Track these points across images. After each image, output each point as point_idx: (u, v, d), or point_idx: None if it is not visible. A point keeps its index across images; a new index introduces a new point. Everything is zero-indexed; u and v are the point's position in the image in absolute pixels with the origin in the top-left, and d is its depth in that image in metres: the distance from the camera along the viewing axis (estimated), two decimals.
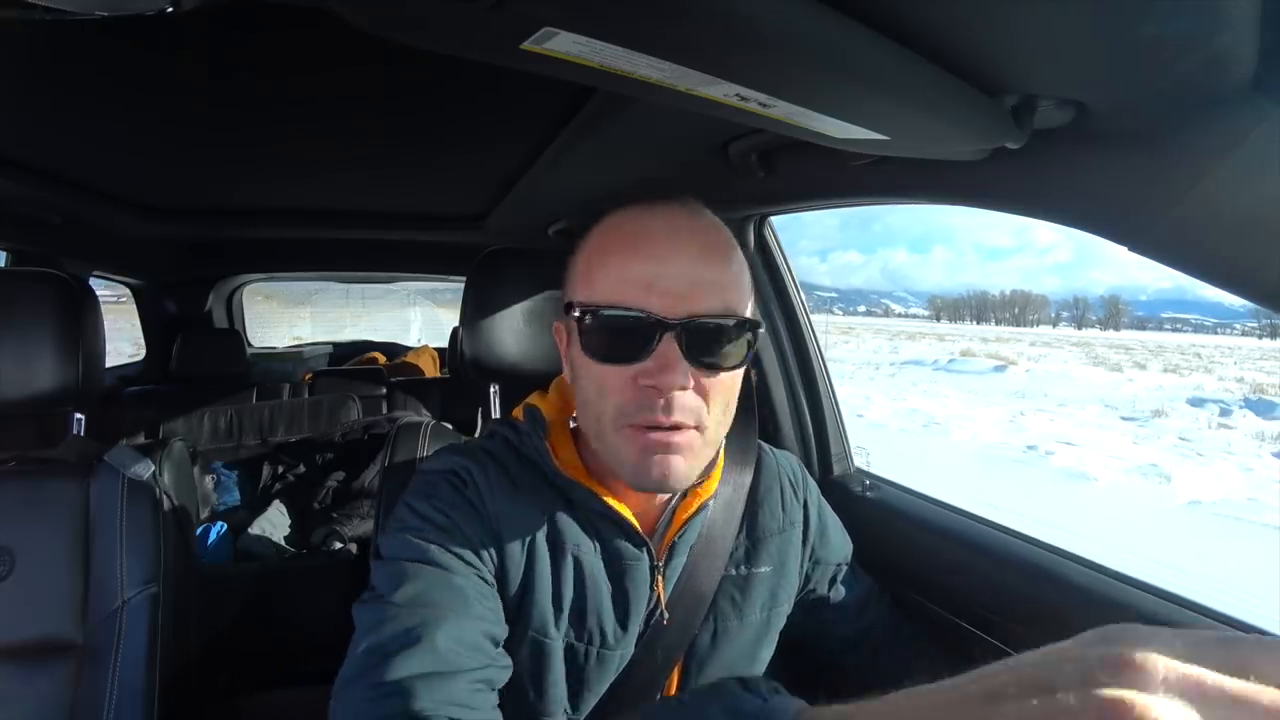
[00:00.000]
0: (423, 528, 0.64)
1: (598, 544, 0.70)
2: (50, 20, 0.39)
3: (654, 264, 0.60)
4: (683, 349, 0.59)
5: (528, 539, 0.68)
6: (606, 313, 0.60)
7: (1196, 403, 15.59)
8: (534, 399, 0.77)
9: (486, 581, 0.65)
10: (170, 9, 0.41)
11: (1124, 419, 13.30)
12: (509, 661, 0.64)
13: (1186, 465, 8.38)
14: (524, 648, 0.68)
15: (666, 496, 0.73)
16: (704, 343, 0.60)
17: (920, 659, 0.87)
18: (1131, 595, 0.76)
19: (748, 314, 0.64)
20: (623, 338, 0.60)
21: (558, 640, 0.68)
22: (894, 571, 0.99)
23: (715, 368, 0.62)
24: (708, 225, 0.65)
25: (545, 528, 0.69)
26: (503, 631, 0.65)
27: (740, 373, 0.65)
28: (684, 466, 0.62)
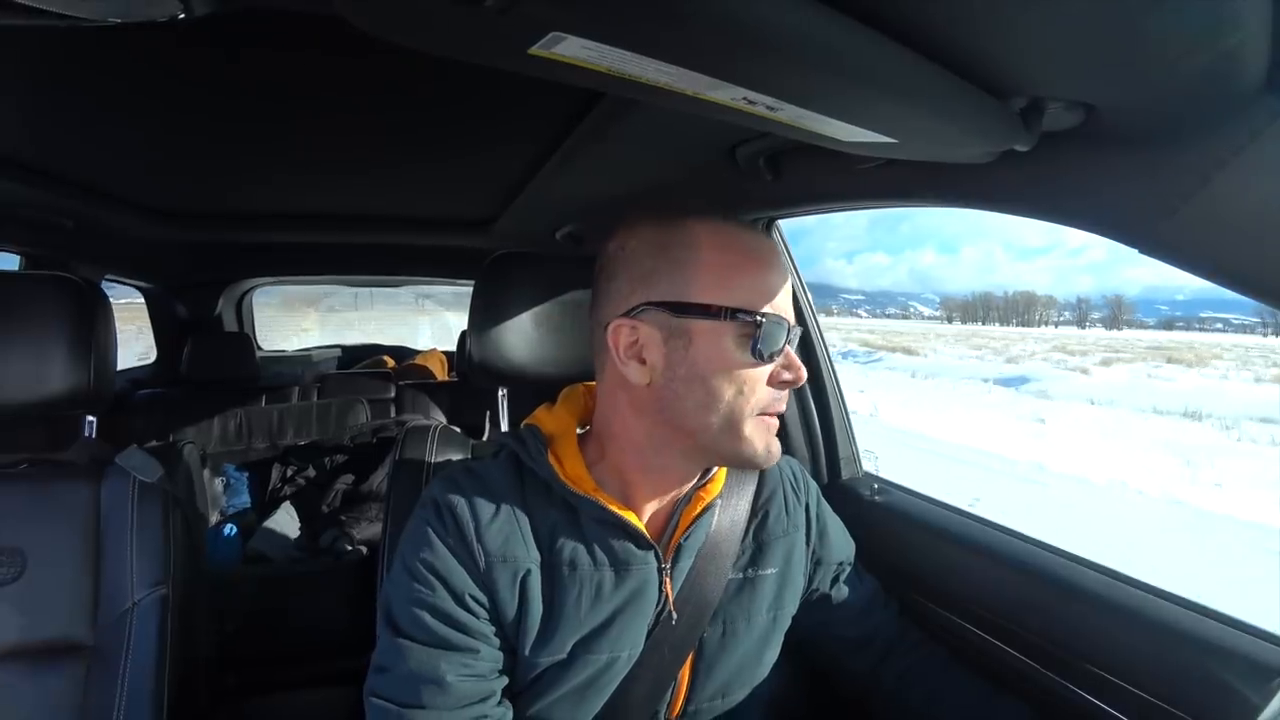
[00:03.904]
0: (414, 591, 0.68)
1: (603, 552, 0.71)
2: (64, 27, 0.40)
3: (779, 279, 0.68)
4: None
5: (522, 570, 0.69)
6: (774, 320, 0.66)
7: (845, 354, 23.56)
8: (537, 415, 0.78)
9: (477, 633, 0.68)
10: (181, 15, 0.41)
11: None
12: (506, 717, 0.69)
13: None
14: (527, 671, 0.70)
15: (674, 500, 0.76)
16: (794, 345, 0.70)
17: (927, 664, 0.87)
18: (1145, 601, 0.75)
19: None
20: (775, 341, 0.66)
21: (562, 656, 0.69)
22: (902, 576, 0.98)
23: None
24: None
25: (543, 548, 0.71)
26: (495, 684, 0.69)
27: None
28: None
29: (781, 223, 1.23)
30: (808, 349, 1.27)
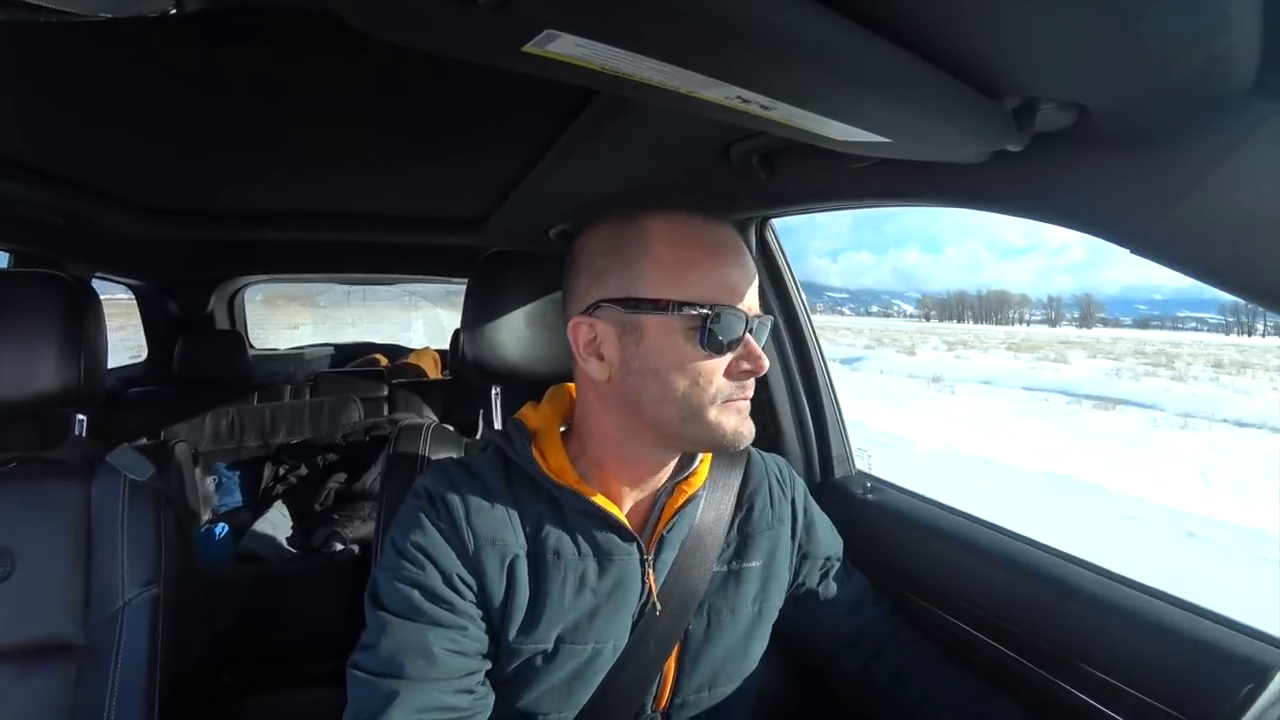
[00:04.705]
0: (403, 570, 0.69)
1: (587, 543, 0.73)
2: (55, 22, 0.39)
3: (736, 271, 0.69)
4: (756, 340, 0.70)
5: (509, 555, 0.71)
6: (729, 312, 0.66)
7: None
8: (523, 412, 0.80)
9: (464, 613, 0.69)
10: (173, 11, 0.41)
11: None
12: (488, 700, 0.70)
13: None
14: (512, 658, 0.71)
15: (654, 492, 0.78)
16: (759, 335, 0.70)
17: (920, 662, 0.87)
18: (1135, 600, 0.76)
19: None
20: (731, 332, 0.66)
21: (547, 645, 0.71)
22: (895, 575, 0.98)
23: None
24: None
25: (529, 537, 0.73)
26: (478, 664, 0.70)
27: None
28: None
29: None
30: (800, 347, 1.28)
